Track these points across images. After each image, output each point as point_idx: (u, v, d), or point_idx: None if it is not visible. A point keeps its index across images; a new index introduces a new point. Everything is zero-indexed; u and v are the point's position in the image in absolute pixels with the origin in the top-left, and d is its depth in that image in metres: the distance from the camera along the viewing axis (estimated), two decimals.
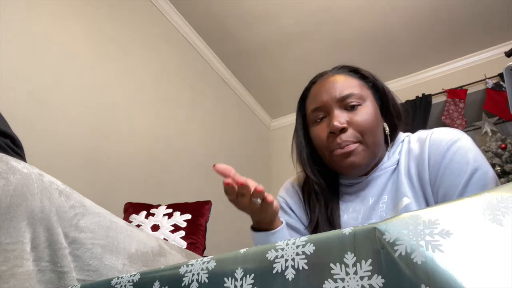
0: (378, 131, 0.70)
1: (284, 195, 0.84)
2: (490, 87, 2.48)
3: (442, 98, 2.70)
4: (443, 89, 2.68)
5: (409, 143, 0.72)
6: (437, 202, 0.64)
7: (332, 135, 0.69)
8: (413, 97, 2.74)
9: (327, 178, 0.77)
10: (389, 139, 0.73)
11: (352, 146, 0.67)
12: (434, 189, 0.64)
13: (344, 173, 0.73)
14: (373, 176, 0.72)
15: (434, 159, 0.65)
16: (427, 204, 0.65)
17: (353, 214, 0.72)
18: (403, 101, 2.76)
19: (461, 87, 2.63)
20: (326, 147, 0.71)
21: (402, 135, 0.76)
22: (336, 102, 0.70)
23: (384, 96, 0.74)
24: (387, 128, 0.73)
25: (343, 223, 0.73)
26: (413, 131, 0.77)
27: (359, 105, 0.69)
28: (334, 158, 0.70)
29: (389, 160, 0.72)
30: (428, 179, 0.65)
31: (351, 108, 0.69)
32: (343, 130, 0.68)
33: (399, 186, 0.68)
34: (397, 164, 0.71)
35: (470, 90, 2.62)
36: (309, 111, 0.75)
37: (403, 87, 2.93)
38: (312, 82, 0.78)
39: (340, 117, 0.68)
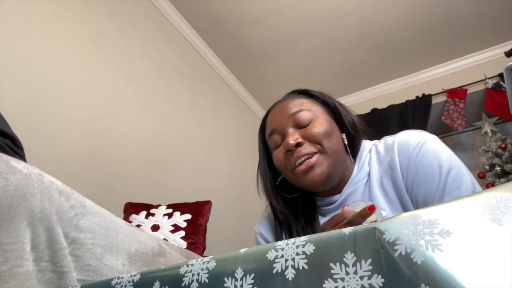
0: (334, 139, 0.70)
1: (259, 226, 0.84)
2: (490, 87, 2.48)
3: (442, 98, 2.70)
4: (443, 89, 2.68)
5: (378, 153, 0.72)
6: (417, 208, 0.63)
7: (289, 153, 0.70)
8: (413, 97, 2.74)
9: (304, 203, 0.77)
10: (350, 149, 0.74)
11: (313, 159, 0.68)
12: (413, 196, 0.63)
13: (312, 188, 0.72)
14: (347, 192, 0.72)
15: (406, 165, 0.64)
16: (405, 212, 0.64)
17: None
18: (403, 101, 2.76)
19: (461, 87, 2.63)
20: (285, 166, 0.72)
21: (368, 145, 0.76)
22: (289, 122, 0.72)
23: (336, 110, 0.76)
24: (345, 139, 0.74)
25: None
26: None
27: (311, 120, 0.71)
28: (297, 176, 0.70)
29: (359, 173, 0.72)
30: (404, 186, 0.65)
31: (304, 126, 0.71)
32: (298, 145, 0.69)
33: (373, 199, 0.67)
34: (369, 176, 0.71)
35: (470, 90, 2.62)
36: (267, 137, 0.78)
37: (403, 87, 2.93)
38: (267, 112, 0.81)
39: (293, 135, 0.70)
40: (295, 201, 0.78)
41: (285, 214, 0.76)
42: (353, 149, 0.75)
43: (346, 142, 0.73)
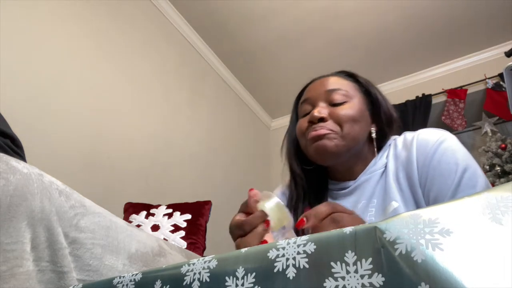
0: (358, 127, 0.70)
1: (274, 191, 0.84)
2: (490, 87, 2.48)
3: (442, 98, 2.70)
4: (443, 89, 2.69)
5: (396, 147, 0.72)
6: (428, 204, 0.63)
7: (311, 124, 0.71)
8: (413, 97, 2.74)
9: (316, 183, 0.78)
10: (377, 143, 0.74)
11: (326, 130, 0.68)
12: (425, 192, 0.64)
13: (316, 159, 0.73)
14: (362, 179, 0.72)
15: (423, 161, 0.65)
16: (417, 207, 0.64)
17: None
18: (403, 101, 2.76)
19: (461, 87, 2.63)
20: (303, 134, 0.73)
21: (390, 139, 0.76)
22: (323, 96, 0.73)
23: (376, 102, 0.76)
24: (373, 132, 0.74)
25: None
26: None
27: (345, 102, 0.71)
28: (308, 143, 0.71)
29: (376, 164, 0.73)
30: (418, 182, 0.65)
31: (336, 105, 0.71)
32: (322, 120, 0.70)
33: (388, 190, 0.68)
34: (385, 167, 0.71)
35: (470, 90, 2.62)
36: (300, 104, 0.79)
37: (403, 87, 2.93)
38: (310, 82, 0.82)
39: (321, 109, 0.71)
40: (308, 176, 0.79)
41: (302, 178, 0.77)
42: (381, 142, 0.75)
43: (374, 135, 0.74)
